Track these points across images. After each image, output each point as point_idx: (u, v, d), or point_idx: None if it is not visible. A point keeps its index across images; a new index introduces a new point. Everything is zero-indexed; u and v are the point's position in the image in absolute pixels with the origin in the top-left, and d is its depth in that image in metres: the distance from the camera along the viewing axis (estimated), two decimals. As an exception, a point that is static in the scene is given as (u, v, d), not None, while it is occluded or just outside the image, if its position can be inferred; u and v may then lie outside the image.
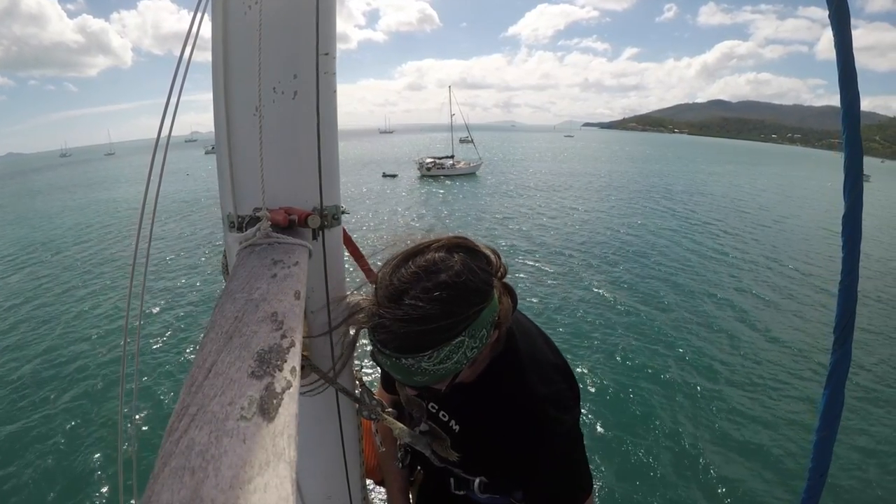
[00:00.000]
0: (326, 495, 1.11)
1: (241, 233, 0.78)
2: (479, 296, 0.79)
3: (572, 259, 15.66)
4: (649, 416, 7.34)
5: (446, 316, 0.74)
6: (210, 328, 0.50)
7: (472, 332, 0.77)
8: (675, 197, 32.36)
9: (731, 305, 12.00)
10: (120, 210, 28.52)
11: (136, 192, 34.37)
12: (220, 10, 0.81)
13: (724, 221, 23.77)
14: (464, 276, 0.78)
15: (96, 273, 15.30)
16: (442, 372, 0.78)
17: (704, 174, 53.59)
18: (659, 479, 6.08)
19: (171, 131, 0.92)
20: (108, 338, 10.22)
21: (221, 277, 0.96)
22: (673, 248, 17.62)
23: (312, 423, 1.03)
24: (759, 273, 14.95)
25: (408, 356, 0.76)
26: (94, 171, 70.12)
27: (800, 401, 7.78)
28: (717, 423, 7.23)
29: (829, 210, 28.11)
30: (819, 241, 20.10)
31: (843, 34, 0.80)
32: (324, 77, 0.86)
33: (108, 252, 18.05)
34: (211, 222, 21.66)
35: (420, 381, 0.80)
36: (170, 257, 16.22)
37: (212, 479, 0.31)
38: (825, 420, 0.92)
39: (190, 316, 11.15)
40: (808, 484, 0.96)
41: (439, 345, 0.75)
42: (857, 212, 0.85)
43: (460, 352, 0.77)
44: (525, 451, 0.95)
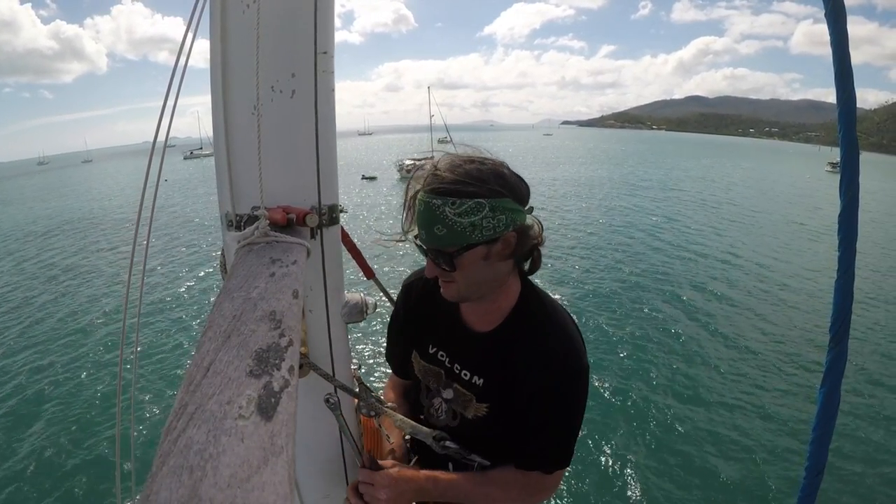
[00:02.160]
0: (324, 494, 1.11)
1: (240, 231, 0.78)
2: (508, 185, 0.92)
3: (554, 257, 15.65)
4: (643, 416, 7.36)
5: (478, 180, 0.89)
6: (208, 327, 0.50)
7: (494, 205, 0.89)
8: (660, 191, 32.59)
9: (726, 302, 12.01)
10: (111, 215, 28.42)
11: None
12: (218, 9, 0.81)
13: (716, 217, 23.87)
14: (503, 169, 0.94)
15: (97, 270, 15.28)
16: (458, 228, 0.89)
17: (681, 170, 54.01)
18: (655, 478, 6.09)
19: (169, 133, 0.92)
20: (105, 338, 10.20)
21: (219, 276, 0.95)
22: (663, 245, 17.62)
23: (311, 422, 1.03)
24: (754, 270, 14.95)
25: (438, 197, 0.89)
26: (70, 179, 69.35)
27: (796, 399, 7.80)
28: (712, 422, 7.24)
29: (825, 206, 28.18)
30: (811, 237, 20.11)
31: (840, 33, 0.80)
32: (322, 76, 0.86)
33: (109, 251, 18.03)
34: (195, 226, 21.56)
35: (439, 233, 0.90)
36: (161, 261, 16.18)
37: (210, 477, 0.32)
38: (821, 418, 0.93)
39: (188, 314, 11.13)
40: (805, 482, 0.97)
41: (464, 196, 0.88)
42: (854, 210, 0.86)
43: (478, 216, 0.88)
44: (539, 398, 0.99)
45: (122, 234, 20.92)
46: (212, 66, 0.83)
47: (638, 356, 9.11)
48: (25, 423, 7.33)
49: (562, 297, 11.85)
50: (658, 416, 7.35)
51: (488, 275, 0.97)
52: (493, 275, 0.98)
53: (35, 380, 8.66)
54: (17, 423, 7.35)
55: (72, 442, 6.84)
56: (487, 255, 0.94)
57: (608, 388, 7.96)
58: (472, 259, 0.94)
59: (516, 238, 0.94)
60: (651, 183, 38.84)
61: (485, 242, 0.91)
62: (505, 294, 1.04)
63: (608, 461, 6.38)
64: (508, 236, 0.93)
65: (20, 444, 6.85)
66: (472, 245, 0.91)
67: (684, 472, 6.22)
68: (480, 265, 0.95)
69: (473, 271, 0.96)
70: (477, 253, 0.93)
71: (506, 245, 0.94)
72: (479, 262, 0.94)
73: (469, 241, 0.90)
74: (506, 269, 1.00)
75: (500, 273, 0.99)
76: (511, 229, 0.92)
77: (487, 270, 0.96)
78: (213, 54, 0.83)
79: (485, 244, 0.92)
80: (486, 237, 0.90)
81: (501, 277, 1.00)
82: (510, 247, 0.95)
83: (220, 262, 0.97)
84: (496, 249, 0.94)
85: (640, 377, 8.39)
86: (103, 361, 9.12)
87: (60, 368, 9.03)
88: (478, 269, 0.95)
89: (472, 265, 0.94)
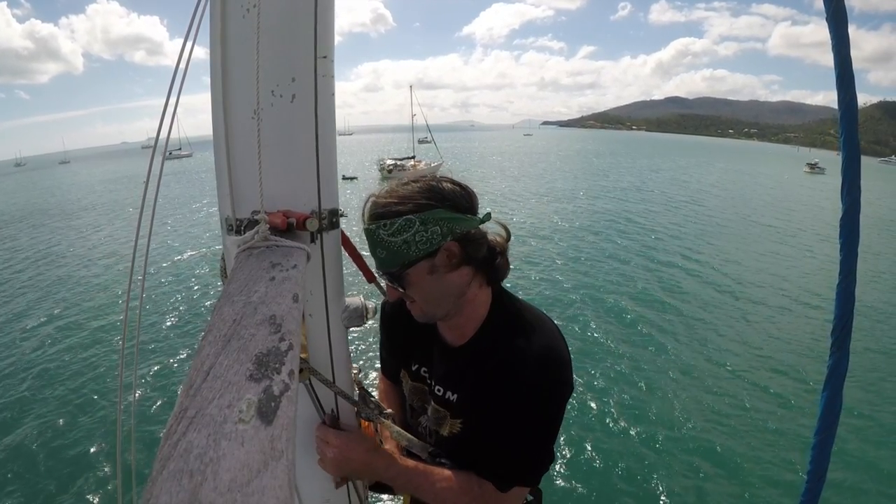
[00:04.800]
0: (325, 499, 1.11)
1: (240, 236, 0.78)
2: (439, 197, 0.93)
3: (537, 258, 15.64)
4: (639, 419, 7.33)
5: (405, 199, 0.92)
6: (208, 331, 0.50)
7: (423, 218, 0.91)
8: (647, 192, 32.70)
9: (726, 304, 12.01)
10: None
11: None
12: (218, 13, 0.82)
13: (710, 217, 23.89)
14: (437, 182, 0.95)
15: (103, 265, 15.30)
16: (394, 247, 0.91)
17: (650, 170, 54.12)
18: (653, 481, 6.07)
19: (170, 133, 0.92)
20: (105, 341, 10.19)
21: (219, 280, 0.96)
22: (659, 245, 17.63)
23: (311, 426, 1.03)
24: (754, 269, 14.96)
25: (373, 223, 0.93)
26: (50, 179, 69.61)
27: (798, 403, 7.78)
28: (710, 426, 7.22)
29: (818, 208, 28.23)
30: (816, 239, 20.13)
31: (841, 36, 0.80)
32: (322, 80, 0.87)
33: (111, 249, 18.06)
34: (179, 229, 21.54)
35: (381, 256, 0.94)
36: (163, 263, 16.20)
37: (210, 482, 0.31)
38: (824, 422, 0.92)
39: (188, 319, 11.13)
40: (807, 486, 0.96)
41: (393, 216, 0.91)
42: (855, 214, 0.86)
43: (409, 232, 0.90)
44: (505, 400, 0.96)
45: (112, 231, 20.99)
46: (212, 70, 0.84)
47: (632, 357, 9.10)
48: (21, 428, 7.31)
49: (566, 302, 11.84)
50: (653, 419, 7.33)
51: (442, 288, 0.96)
52: (448, 288, 0.97)
53: (35, 379, 8.65)
54: (16, 423, 7.34)
55: (69, 445, 6.82)
56: (432, 268, 0.94)
57: (596, 393, 7.95)
58: (417, 275, 0.94)
59: (458, 246, 0.94)
60: (642, 182, 39.05)
61: (424, 257, 0.92)
62: (474, 305, 1.02)
63: (601, 458, 6.36)
64: (448, 245, 0.93)
65: (15, 448, 6.83)
66: (412, 261, 0.93)
67: (682, 475, 6.20)
68: (428, 280, 0.95)
69: (424, 287, 0.96)
70: (421, 268, 0.93)
71: (449, 255, 0.94)
72: (426, 276, 0.94)
73: (408, 258, 0.92)
74: (461, 280, 0.98)
75: (456, 285, 0.98)
76: (449, 238, 0.93)
77: (438, 284, 0.96)
78: (213, 58, 0.84)
79: (425, 258, 0.92)
80: (423, 251, 0.92)
81: (459, 289, 0.98)
82: (454, 256, 0.95)
83: (220, 266, 0.97)
84: (439, 261, 0.94)
85: (632, 381, 8.36)
86: (101, 365, 9.11)
87: (60, 369, 9.03)
88: (427, 284, 0.95)
89: (420, 281, 0.95)
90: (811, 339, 10.13)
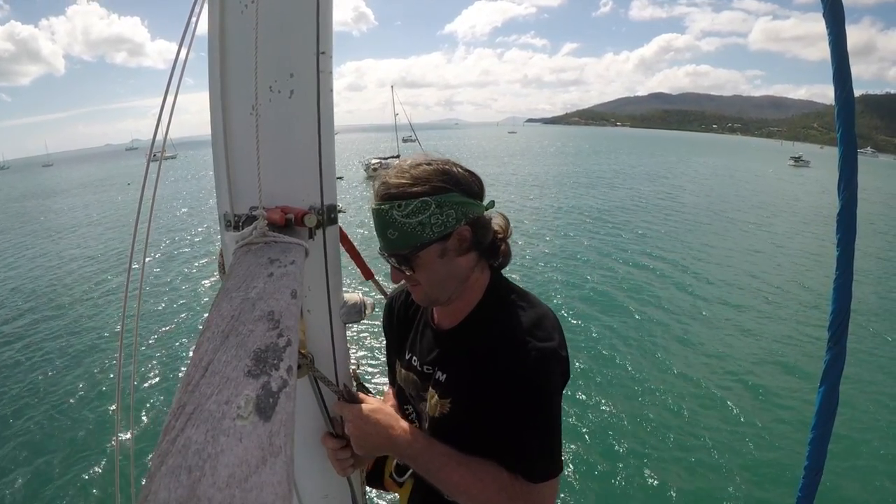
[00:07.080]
0: (323, 494, 1.11)
1: (238, 232, 0.78)
2: (453, 180, 0.93)
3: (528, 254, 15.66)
4: (638, 417, 7.35)
5: (422, 180, 0.92)
6: (206, 327, 0.50)
7: (440, 201, 0.91)
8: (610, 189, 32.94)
9: (723, 301, 12.01)
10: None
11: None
12: (216, 8, 0.81)
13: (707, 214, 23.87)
14: (449, 166, 0.96)
15: (102, 267, 15.27)
16: (408, 229, 0.91)
17: (624, 166, 54.25)
18: (651, 478, 6.09)
19: (168, 134, 0.92)
20: (104, 338, 10.18)
21: (218, 276, 0.95)
22: (654, 242, 17.63)
23: (309, 422, 1.03)
24: (754, 271, 14.95)
25: (385, 203, 0.92)
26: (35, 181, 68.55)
27: (794, 399, 7.80)
28: (708, 421, 7.24)
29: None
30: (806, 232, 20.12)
31: (838, 33, 0.80)
32: (320, 76, 0.86)
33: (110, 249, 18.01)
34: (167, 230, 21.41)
35: (392, 237, 0.92)
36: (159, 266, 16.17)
37: (208, 477, 0.32)
38: (820, 418, 0.93)
39: (186, 315, 11.12)
40: (804, 482, 0.97)
41: (409, 197, 0.90)
42: (852, 210, 0.86)
43: (425, 214, 0.90)
44: (504, 395, 0.91)
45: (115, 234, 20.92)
46: (210, 66, 0.83)
47: (629, 354, 9.12)
48: (21, 425, 7.31)
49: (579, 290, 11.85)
50: (650, 416, 7.35)
51: (449, 272, 0.97)
52: (455, 271, 0.97)
53: (32, 378, 8.65)
54: (14, 422, 7.34)
55: (69, 442, 6.83)
56: (443, 251, 0.94)
57: (596, 386, 7.96)
58: (428, 258, 0.94)
59: (470, 231, 0.95)
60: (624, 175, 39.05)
61: (438, 239, 0.92)
62: (472, 289, 1.02)
63: (598, 457, 6.38)
64: (461, 230, 0.94)
65: (15, 442, 6.84)
66: (425, 244, 0.92)
67: (680, 471, 6.22)
68: (438, 263, 0.95)
69: (433, 270, 0.95)
70: (432, 251, 0.93)
71: (461, 239, 0.95)
72: (436, 259, 0.94)
73: (421, 241, 0.92)
74: (468, 265, 0.98)
75: (462, 269, 0.98)
76: (463, 223, 0.93)
77: (447, 267, 0.96)
78: (212, 54, 0.83)
79: (438, 241, 0.93)
80: (437, 234, 0.92)
81: (465, 273, 0.99)
82: (465, 240, 0.95)
83: (218, 262, 0.97)
84: (451, 245, 0.94)
85: (630, 377, 8.38)
86: (101, 362, 9.11)
87: (58, 366, 9.02)
88: (436, 267, 0.95)
89: (430, 264, 0.95)
90: (810, 335, 10.15)
